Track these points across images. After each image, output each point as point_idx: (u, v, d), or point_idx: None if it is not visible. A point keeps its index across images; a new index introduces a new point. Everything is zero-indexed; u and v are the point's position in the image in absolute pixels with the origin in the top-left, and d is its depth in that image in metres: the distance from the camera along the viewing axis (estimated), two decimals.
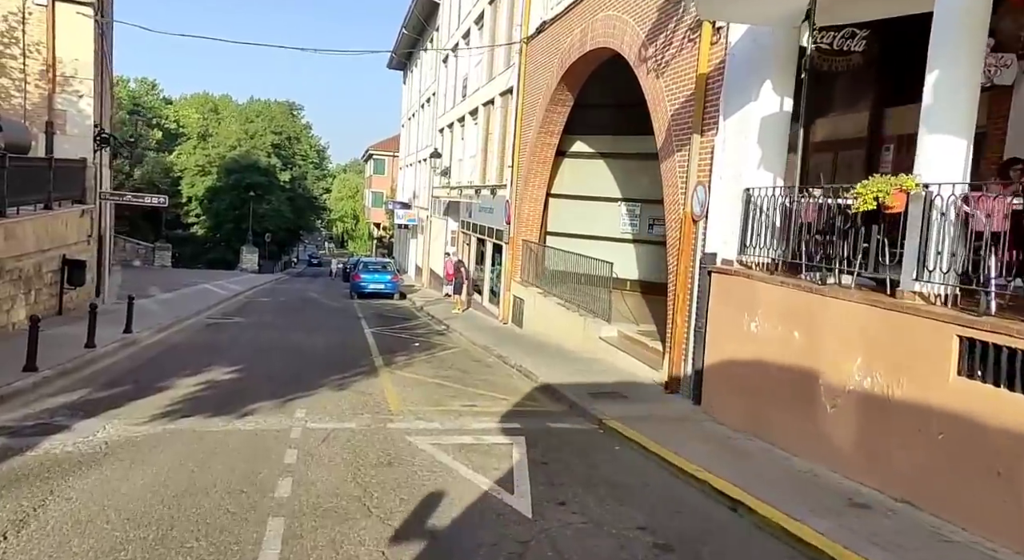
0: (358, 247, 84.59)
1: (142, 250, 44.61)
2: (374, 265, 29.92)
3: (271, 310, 22.97)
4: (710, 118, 9.49)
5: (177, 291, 26.20)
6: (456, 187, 28.19)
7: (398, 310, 24.95)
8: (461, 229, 27.00)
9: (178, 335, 15.75)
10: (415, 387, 10.85)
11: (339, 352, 14.20)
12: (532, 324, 17.10)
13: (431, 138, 36.09)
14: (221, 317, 20.02)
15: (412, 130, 44.55)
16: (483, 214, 22.93)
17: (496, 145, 22.24)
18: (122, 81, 59.71)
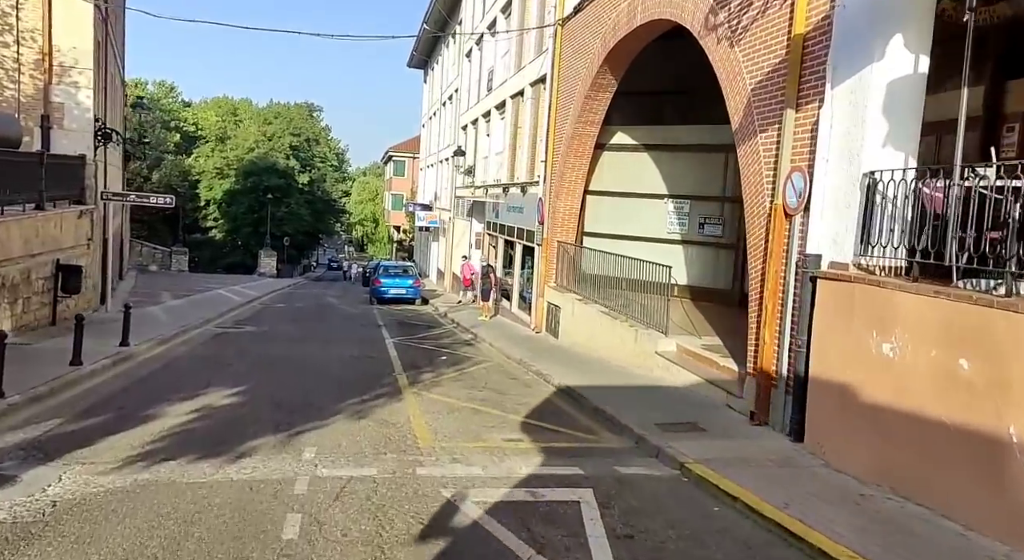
0: (377, 251, 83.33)
1: (158, 254, 43.42)
2: (395, 269, 28.30)
3: (286, 318, 21.40)
4: (810, 88, 7.67)
5: (189, 297, 24.74)
6: (481, 186, 26.50)
7: (421, 317, 23.28)
8: (487, 230, 25.29)
9: (181, 347, 14.16)
10: (447, 414, 9.12)
11: (358, 368, 12.52)
12: (570, 334, 15.31)
13: (453, 136, 34.46)
14: (232, 326, 18.45)
15: (433, 130, 42.98)
16: (512, 214, 21.19)
17: (526, 139, 20.50)
18: (140, 83, 58.87)
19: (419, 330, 19.32)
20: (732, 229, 15.48)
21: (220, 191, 52.37)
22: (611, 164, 16.89)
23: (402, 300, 27.09)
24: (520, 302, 20.71)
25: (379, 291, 26.85)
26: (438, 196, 39.10)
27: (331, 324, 20.29)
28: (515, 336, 17.24)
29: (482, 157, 27.47)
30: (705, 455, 6.99)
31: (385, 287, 26.85)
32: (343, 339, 16.62)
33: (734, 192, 15.54)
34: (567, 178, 16.49)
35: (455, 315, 22.40)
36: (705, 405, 9.19)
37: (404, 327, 19.88)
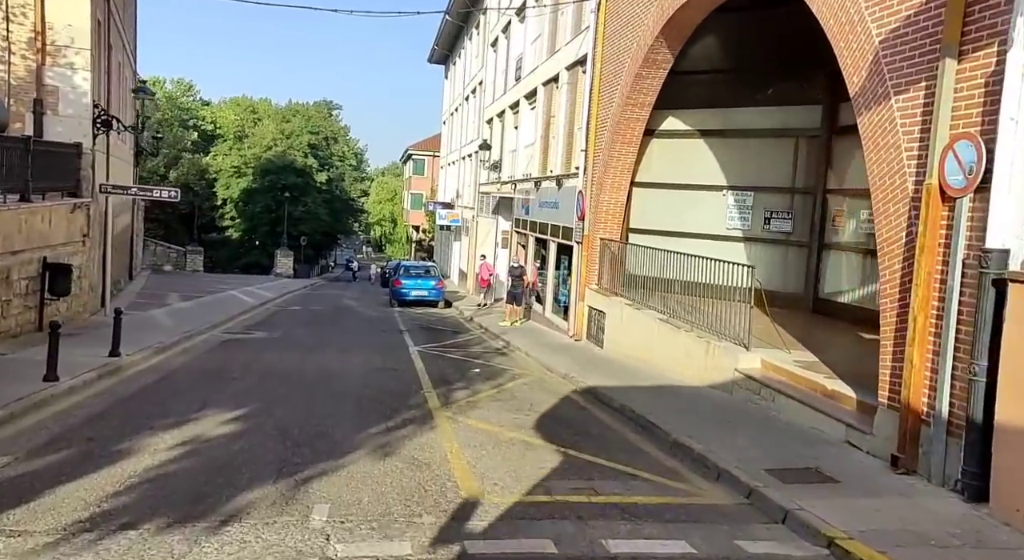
0: (396, 251, 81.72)
1: (173, 254, 42.02)
2: (416, 270, 26.51)
3: (301, 322, 19.66)
4: (982, 28, 5.73)
5: (199, 299, 23.12)
6: (508, 182, 24.65)
7: (445, 321, 21.46)
8: (515, 228, 23.43)
9: (181, 357, 12.41)
10: (491, 448, 7.26)
11: (380, 383, 10.70)
12: (618, 344, 13.40)
13: (477, 131, 32.63)
14: (241, 331, 16.73)
15: (455, 126, 41.22)
16: (544, 210, 19.31)
17: (561, 129, 18.61)
18: (158, 82, 57.63)
19: (445, 336, 17.49)
20: (803, 224, 13.50)
21: (237, 190, 50.95)
22: (661, 153, 14.97)
23: (424, 302, 25.31)
24: (554, 306, 18.82)
25: (400, 293, 25.09)
26: (460, 194, 37.33)
27: (349, 329, 18.52)
28: (552, 344, 15.36)
29: (509, 151, 25.62)
30: (857, 524, 5.07)
31: (406, 289, 25.08)
32: (363, 347, 14.82)
33: (805, 182, 13.57)
34: (612, 168, 14.59)
35: (482, 319, 20.57)
36: (818, 442, 7.25)
37: (428, 333, 18.06)
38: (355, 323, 20.12)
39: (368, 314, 23.13)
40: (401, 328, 18.94)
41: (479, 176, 30.68)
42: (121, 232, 24.32)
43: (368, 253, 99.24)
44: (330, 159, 54.71)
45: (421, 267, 26.90)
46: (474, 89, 33.88)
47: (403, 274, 25.65)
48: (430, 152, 56.70)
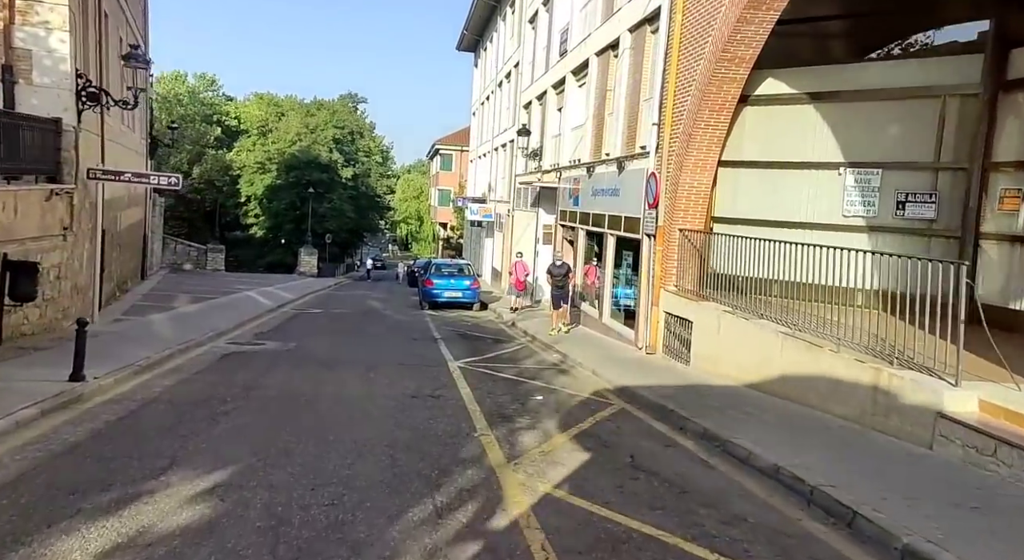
0: (422, 249, 79.33)
1: (194, 252, 39.81)
2: (449, 268, 23.74)
3: (320, 328, 16.98)
4: None
5: (211, 300, 20.59)
6: (551, 170, 21.76)
7: (483, 327, 18.67)
8: (559, 221, 20.56)
9: (165, 380, 9.73)
10: (609, 552, 4.40)
11: (418, 420, 7.90)
12: (712, 361, 10.48)
13: (512, 118, 29.80)
14: (250, 341, 14.08)
15: (485, 116, 38.44)
16: (600, 199, 16.41)
17: (621, 102, 15.68)
18: (180, 76, 55.72)
19: (487, 346, 14.71)
20: (952, 210, 10.45)
21: (261, 186, 48.68)
22: (756, 123, 12.00)
23: (457, 304, 22.56)
24: (613, 310, 15.92)
25: (431, 294, 22.35)
26: (492, 187, 34.52)
27: (375, 337, 15.78)
28: (621, 360, 12.48)
29: (551, 136, 22.73)
30: None
31: (438, 289, 22.33)
32: (392, 362, 12.06)
33: (955, 155, 10.50)
34: (697, 143, 11.66)
35: (526, 325, 17.75)
36: None
37: (467, 342, 15.28)
38: (382, 330, 17.40)
39: (396, 318, 20.41)
40: (435, 336, 16.18)
41: (515, 166, 27.85)
42: (129, 228, 21.93)
43: (394, 251, 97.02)
44: (355, 154, 52.22)
45: (454, 266, 24.13)
46: (508, 73, 31.04)
47: (434, 273, 22.91)
48: (458, 146, 54.04)
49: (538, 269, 22.97)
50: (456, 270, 23.57)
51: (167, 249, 38.41)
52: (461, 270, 23.58)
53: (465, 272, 23.34)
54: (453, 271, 23.47)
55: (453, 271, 23.47)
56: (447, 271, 23.37)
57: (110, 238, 17.68)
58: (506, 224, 29.83)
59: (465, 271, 23.45)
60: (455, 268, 23.75)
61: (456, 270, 23.57)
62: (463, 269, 23.62)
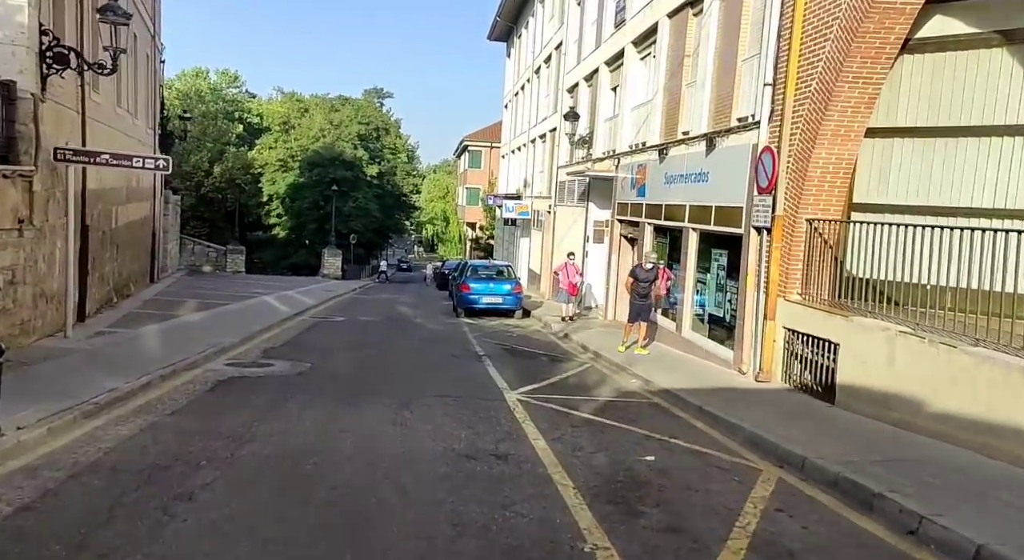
0: (448, 250, 76.76)
1: (213, 254, 37.40)
2: (487, 271, 20.82)
3: (343, 342, 14.15)
4: None
5: (221, 307, 17.94)
6: (605, 158, 18.79)
7: (532, 339, 15.76)
8: (616, 216, 17.56)
9: (124, 426, 6.95)
10: None
11: (482, 512, 4.99)
12: (881, 403, 7.45)
13: (553, 105, 26.88)
14: (256, 360, 11.32)
15: (520, 107, 35.56)
16: (678, 186, 13.39)
17: (708, 67, 12.65)
18: (201, 72, 53.69)
19: (543, 367, 11.82)
20: None
21: (283, 185, 46.33)
22: (916, 77, 8.90)
23: (497, 311, 19.68)
24: (695, 321, 12.89)
25: (468, 299, 19.48)
26: (528, 183, 31.62)
27: (409, 355, 12.90)
28: (727, 391, 9.49)
29: (604, 120, 19.76)
30: None
31: (475, 294, 19.45)
32: (432, 393, 9.17)
33: None
34: (838, 103, 8.64)
35: (581, 337, 14.84)
36: None
37: (518, 360, 12.41)
38: (414, 343, 14.54)
39: (429, 327, 17.56)
40: (478, 352, 13.30)
41: (557, 157, 24.92)
42: (130, 225, 19.40)
43: (419, 253, 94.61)
44: (381, 151, 49.66)
45: (493, 268, 21.21)
46: (548, 57, 28.12)
47: (471, 276, 20.03)
48: (487, 142, 51.29)
49: (587, 271, 20.02)
50: (495, 273, 20.68)
51: (185, 250, 36.07)
52: (501, 273, 20.68)
53: (505, 275, 20.44)
54: (492, 274, 20.58)
55: (492, 274, 20.58)
56: (485, 274, 20.49)
57: (100, 236, 15.08)
58: (546, 222, 26.90)
59: (506, 273, 20.55)
60: (494, 270, 20.86)
61: (495, 273, 20.68)
62: (503, 271, 20.71)
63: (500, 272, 20.68)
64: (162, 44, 26.46)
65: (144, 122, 21.63)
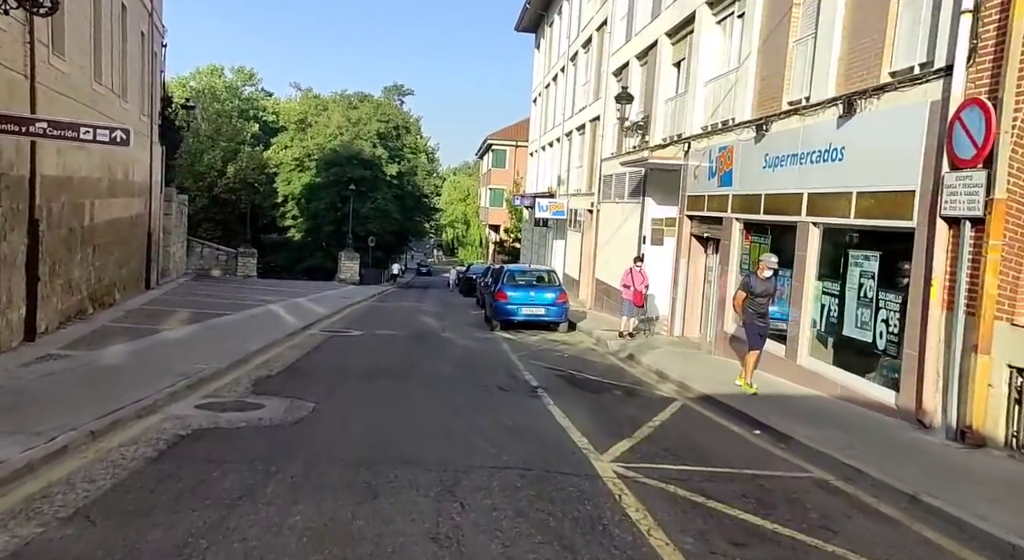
0: (469, 254, 73.88)
1: (223, 257, 34.65)
2: (527, 277, 17.65)
3: (357, 368, 11.07)
4: None
5: (216, 319, 15.04)
6: (669, 144, 15.66)
7: (589, 362, 12.66)
8: (687, 211, 14.42)
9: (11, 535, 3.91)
10: None
11: None
12: None
13: (594, 92, 23.83)
14: (239, 398, 8.30)
15: (551, 100, 32.53)
16: (789, 170, 10.24)
17: (837, 12, 9.48)
18: (216, 70, 51.25)
19: (624, 408, 8.79)
20: None
21: (299, 185, 43.61)
22: None
23: (539, 323, 16.60)
24: (814, 346, 9.70)
25: (505, 310, 16.41)
26: (562, 180, 28.55)
27: (442, 388, 9.76)
28: (923, 459, 6.29)
29: (665, 100, 16.66)
30: None
31: (514, 304, 16.37)
32: (485, 464, 6.05)
33: None
34: None
35: (652, 360, 11.78)
36: None
37: (585, 395, 9.37)
38: (447, 369, 11.44)
39: (462, 345, 14.50)
40: (530, 382, 10.21)
41: (601, 149, 21.83)
42: (115, 223, 16.56)
43: (439, 257, 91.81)
44: (401, 150, 46.81)
45: (534, 273, 18.02)
46: (587, 40, 25.06)
47: (508, 283, 16.92)
48: (512, 141, 48.29)
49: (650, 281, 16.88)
50: (535, 279, 17.56)
51: (193, 253, 33.38)
52: (542, 279, 17.56)
53: (548, 281, 17.33)
54: (532, 280, 17.48)
55: (532, 280, 17.48)
56: (525, 280, 17.38)
57: (64, 234, 12.20)
58: (586, 221, 23.81)
59: (548, 280, 17.43)
60: (534, 276, 17.74)
61: (535, 279, 17.56)
62: (545, 278, 17.57)
63: (541, 278, 17.56)
64: (164, 26, 23.72)
65: (136, 107, 18.81)
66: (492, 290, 17.25)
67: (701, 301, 14.53)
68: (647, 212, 17.21)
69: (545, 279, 17.44)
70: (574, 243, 25.58)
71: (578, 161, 26.22)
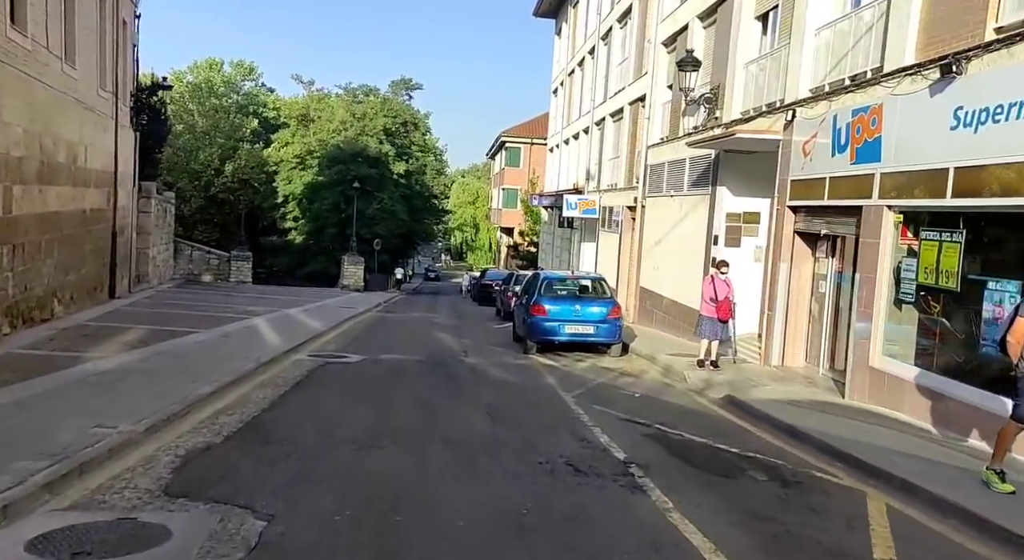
0: (478, 259, 70.27)
1: (214, 261, 31.00)
2: (569, 287, 13.80)
3: (351, 426, 7.34)
4: None
5: (174, 341, 11.41)
6: (760, 114, 11.96)
7: (680, 410, 8.94)
8: (793, 201, 10.70)
9: None
10: None
11: None
12: None
13: (634, 70, 20.17)
14: (133, 508, 4.57)
15: (575, 88, 28.89)
16: (1018, 125, 6.46)
17: None
18: (215, 63, 47.75)
19: (791, 516, 4.98)
20: None
21: (300, 184, 40.03)
22: None
23: (585, 344, 12.90)
24: None
25: (543, 328, 12.69)
26: (592, 175, 24.88)
27: (482, 474, 5.96)
28: None
29: (745, 64, 12.97)
30: None
31: (555, 321, 12.65)
32: None
33: None
34: None
35: (771, 408, 7.99)
36: None
37: (718, 487, 5.63)
38: (486, 426, 7.67)
39: (495, 376, 10.79)
40: (613, 450, 6.57)
41: (647, 134, 18.12)
42: (58, 218, 12.93)
43: (447, 261, 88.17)
44: (409, 148, 43.21)
45: (577, 282, 14.11)
46: (625, 11, 21.40)
47: (547, 295, 13.15)
48: (527, 138, 44.69)
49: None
50: (579, 289, 13.79)
51: (181, 257, 29.78)
52: (590, 289, 13.75)
53: (598, 292, 13.53)
54: (576, 291, 13.72)
55: (576, 291, 13.72)
56: (567, 291, 13.65)
57: None
58: (625, 220, 20.12)
59: (597, 290, 13.63)
60: (577, 286, 13.95)
61: (579, 289, 13.79)
62: (594, 287, 13.72)
63: (588, 288, 13.77)
64: None
65: (91, 77, 15.17)
66: (525, 303, 13.51)
67: (808, 320, 10.81)
68: (719, 205, 13.49)
69: (593, 289, 13.67)
70: (609, 246, 21.88)
71: (612, 152, 22.56)
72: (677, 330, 15.05)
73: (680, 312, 14.95)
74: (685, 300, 14.75)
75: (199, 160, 41.05)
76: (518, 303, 14.84)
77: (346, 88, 43.53)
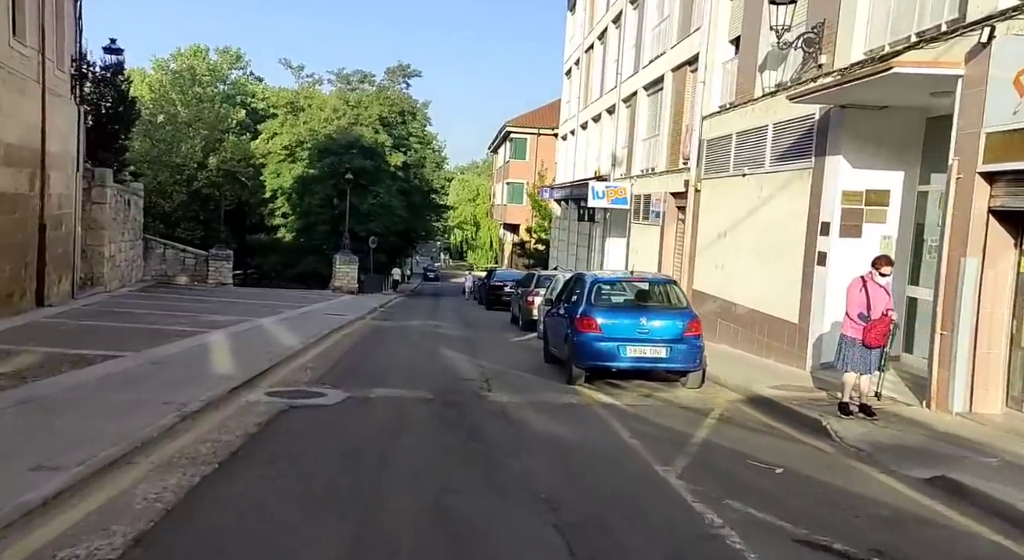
0: (478, 258, 66.48)
1: (190, 260, 27.10)
2: (626, 293, 10.05)
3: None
4: None
5: (87, 370, 7.60)
6: (912, 45, 8.19)
7: (871, 508, 5.09)
8: (982, 167, 6.90)
9: None
10: None
11: None
12: None
13: (678, 30, 16.43)
14: None
15: (595, 65, 25.15)
16: None
17: None
18: (200, 50, 43.81)
19: None
20: None
21: (289, 178, 36.23)
22: None
23: (651, 371, 9.15)
24: None
25: (596, 350, 8.88)
26: (618, 161, 21.14)
27: None
28: None
29: None
30: None
31: (612, 341, 8.84)
32: None
33: None
34: None
35: None
36: None
37: None
38: None
39: (541, 432, 7.01)
40: None
41: (704, 100, 14.36)
42: None
43: (446, 261, 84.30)
44: (407, 139, 39.43)
45: (634, 287, 10.18)
46: None
47: (598, 304, 9.35)
48: (534, 128, 40.94)
49: (829, 294, 9.50)
50: (640, 296, 9.96)
51: (152, 256, 25.93)
52: (654, 295, 9.91)
53: (669, 300, 9.69)
54: (635, 298, 9.92)
55: (635, 298, 9.92)
56: (624, 299, 9.87)
57: None
58: (668, 209, 16.36)
59: (665, 297, 9.79)
60: (635, 291, 10.12)
61: (640, 296, 9.96)
62: (663, 294, 9.87)
63: (653, 294, 9.95)
64: None
65: (3, 31, 11.32)
66: (567, 313, 9.71)
67: (1008, 345, 7.07)
68: (831, 182, 9.71)
69: (659, 295, 9.85)
70: (645, 240, 18.11)
71: (647, 131, 18.81)
72: (758, 347, 11.33)
73: (763, 324, 11.22)
74: (771, 309, 11.02)
75: (181, 153, 37.16)
76: (552, 312, 11.05)
77: (339, 73, 39.58)
